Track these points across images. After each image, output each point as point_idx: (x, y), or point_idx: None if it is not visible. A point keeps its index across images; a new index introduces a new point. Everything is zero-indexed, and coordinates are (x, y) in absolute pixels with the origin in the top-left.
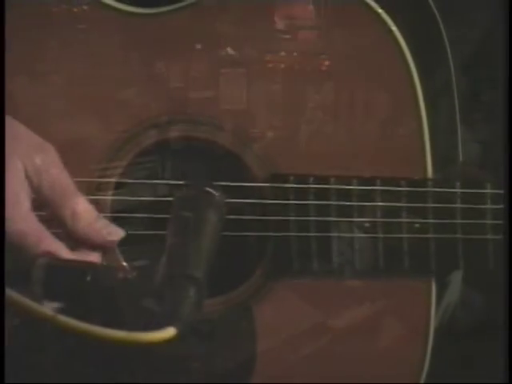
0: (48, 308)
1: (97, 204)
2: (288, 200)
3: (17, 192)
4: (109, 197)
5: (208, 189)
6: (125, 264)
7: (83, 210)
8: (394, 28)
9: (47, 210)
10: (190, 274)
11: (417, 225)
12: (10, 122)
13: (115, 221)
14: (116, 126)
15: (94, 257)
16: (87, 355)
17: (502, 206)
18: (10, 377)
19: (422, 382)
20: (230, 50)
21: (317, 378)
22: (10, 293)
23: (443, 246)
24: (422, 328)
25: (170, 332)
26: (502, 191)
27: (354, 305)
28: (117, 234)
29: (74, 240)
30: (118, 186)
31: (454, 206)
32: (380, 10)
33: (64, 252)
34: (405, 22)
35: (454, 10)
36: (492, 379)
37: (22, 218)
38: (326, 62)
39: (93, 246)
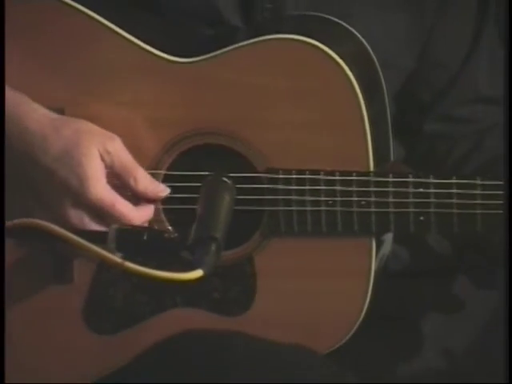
0: (118, 257)
1: None
2: (277, 185)
3: (96, 171)
4: (159, 182)
5: (224, 178)
6: (169, 228)
7: (141, 177)
8: (348, 72)
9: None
10: (212, 235)
11: (363, 202)
12: (84, 122)
13: (165, 199)
14: (165, 136)
15: (150, 209)
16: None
17: (421, 190)
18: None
19: (365, 311)
20: (239, 91)
21: (293, 298)
22: (94, 247)
23: (380, 216)
24: (365, 270)
25: (199, 273)
26: (423, 179)
27: (322, 254)
28: (164, 191)
29: (136, 197)
30: (166, 176)
31: (387, 189)
32: (339, 60)
33: (129, 208)
34: (356, 67)
35: (387, 60)
36: (415, 310)
37: (101, 188)
38: (303, 94)
39: (149, 200)
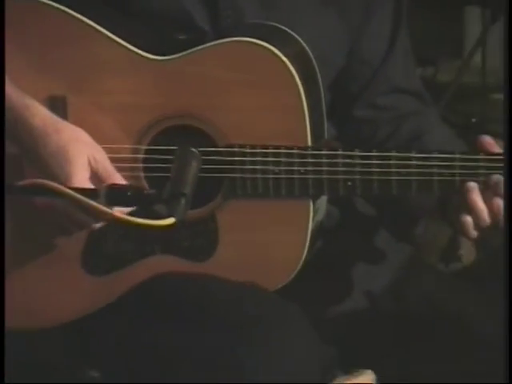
0: (107, 208)
1: (134, 160)
2: (234, 157)
3: (81, 169)
4: (141, 155)
5: (193, 149)
6: (148, 188)
7: (118, 180)
8: (291, 67)
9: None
10: (182, 191)
11: (302, 171)
12: (80, 131)
13: (146, 168)
14: (147, 118)
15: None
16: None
17: (348, 161)
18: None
19: (304, 258)
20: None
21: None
22: (89, 201)
23: (316, 182)
24: (304, 226)
25: (171, 220)
26: (350, 153)
27: (270, 212)
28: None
29: None
30: (146, 150)
31: (321, 160)
32: (284, 58)
33: None
34: (297, 64)
35: (322, 58)
36: (344, 260)
37: (82, 181)
38: (255, 85)
39: None
